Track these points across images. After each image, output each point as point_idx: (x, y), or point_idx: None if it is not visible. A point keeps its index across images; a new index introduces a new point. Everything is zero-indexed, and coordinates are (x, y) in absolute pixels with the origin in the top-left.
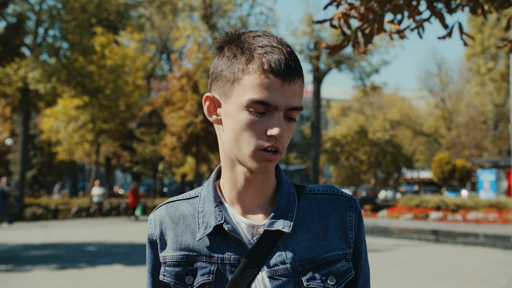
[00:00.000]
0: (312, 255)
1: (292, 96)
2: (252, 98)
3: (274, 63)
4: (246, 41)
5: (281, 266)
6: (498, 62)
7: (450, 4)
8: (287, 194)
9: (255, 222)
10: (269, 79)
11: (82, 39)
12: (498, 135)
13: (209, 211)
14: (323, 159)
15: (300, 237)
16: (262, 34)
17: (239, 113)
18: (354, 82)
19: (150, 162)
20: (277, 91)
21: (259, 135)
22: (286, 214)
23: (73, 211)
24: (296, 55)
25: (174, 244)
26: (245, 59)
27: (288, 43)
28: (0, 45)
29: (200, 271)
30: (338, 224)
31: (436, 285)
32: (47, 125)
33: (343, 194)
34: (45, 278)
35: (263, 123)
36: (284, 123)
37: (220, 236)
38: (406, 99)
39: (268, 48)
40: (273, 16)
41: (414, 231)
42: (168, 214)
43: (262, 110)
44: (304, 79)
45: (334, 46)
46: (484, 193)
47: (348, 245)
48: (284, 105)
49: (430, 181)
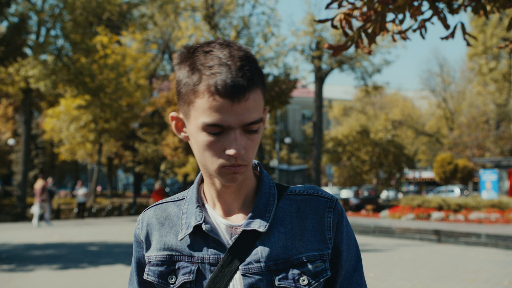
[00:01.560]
0: (287, 255)
1: (245, 112)
2: (204, 122)
3: (221, 85)
4: (198, 59)
5: (255, 265)
6: (500, 62)
7: (452, 4)
8: (267, 195)
9: (233, 222)
10: (218, 101)
11: (84, 39)
12: (500, 135)
13: (191, 212)
14: (325, 159)
15: (277, 237)
16: (215, 47)
17: (198, 134)
18: (356, 82)
19: (152, 162)
20: (228, 111)
21: (219, 154)
22: (263, 215)
23: (75, 211)
24: (250, 67)
25: (158, 244)
26: (195, 81)
27: (245, 52)
28: (2, 45)
29: (181, 271)
30: (316, 225)
31: (438, 285)
32: (49, 125)
33: (323, 195)
34: (48, 278)
35: (221, 143)
36: (245, 137)
37: (201, 237)
38: (408, 99)
39: (216, 67)
40: (275, 16)
41: (416, 231)
42: (155, 215)
43: (217, 131)
44: (261, 88)
45: (338, 47)
46: (486, 193)
47: (325, 246)
48: (237, 124)
49: (432, 181)
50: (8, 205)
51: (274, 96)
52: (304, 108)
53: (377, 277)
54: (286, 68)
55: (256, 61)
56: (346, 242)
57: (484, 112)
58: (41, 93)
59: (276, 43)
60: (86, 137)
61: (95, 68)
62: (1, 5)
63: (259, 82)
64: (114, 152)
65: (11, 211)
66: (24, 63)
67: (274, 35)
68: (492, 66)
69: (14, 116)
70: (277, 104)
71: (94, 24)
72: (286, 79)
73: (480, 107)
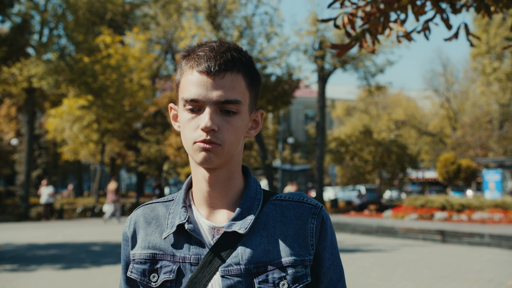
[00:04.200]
0: (268, 259)
1: (220, 89)
2: (183, 97)
3: (200, 61)
4: (192, 50)
5: (234, 267)
6: (504, 62)
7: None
8: (252, 199)
9: (216, 224)
10: (194, 76)
11: (87, 38)
12: (504, 135)
13: (176, 212)
14: (328, 159)
15: (259, 240)
16: (212, 42)
17: (181, 113)
18: (359, 82)
19: (155, 162)
20: (203, 86)
21: (194, 130)
22: (246, 217)
23: (78, 211)
24: (236, 54)
25: (143, 242)
26: (182, 66)
27: (236, 46)
28: (5, 45)
29: (163, 269)
30: (299, 230)
31: (441, 285)
32: (52, 125)
33: (308, 202)
34: (50, 278)
35: (196, 119)
36: (221, 117)
37: (184, 236)
38: (411, 99)
39: (206, 48)
40: (278, 16)
41: (419, 231)
42: (143, 215)
43: (195, 107)
44: (243, 75)
45: (342, 46)
46: (490, 193)
47: (307, 252)
48: (211, 99)
49: (435, 181)
50: (11, 205)
51: (277, 96)
52: (307, 108)
53: (380, 277)
54: (289, 68)
55: (248, 56)
56: (329, 250)
57: (488, 112)
58: (44, 93)
59: (279, 43)
60: (89, 137)
61: (97, 68)
62: (4, 5)
63: (242, 68)
64: (117, 152)
65: (14, 211)
66: (27, 63)
67: (277, 35)
68: (495, 65)
69: (17, 116)
70: (280, 104)
71: (96, 24)
72: (289, 79)
73: (483, 107)
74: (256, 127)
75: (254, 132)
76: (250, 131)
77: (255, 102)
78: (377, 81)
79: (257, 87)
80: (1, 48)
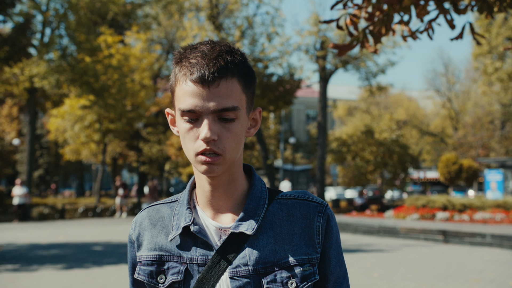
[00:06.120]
0: (276, 258)
1: (216, 98)
2: (179, 108)
3: (193, 71)
4: (185, 55)
5: (243, 268)
6: (505, 62)
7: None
8: (258, 198)
9: (223, 224)
10: (189, 86)
11: (88, 38)
12: (505, 135)
13: (181, 214)
14: (329, 159)
15: (266, 240)
16: (203, 44)
17: (179, 122)
18: (361, 82)
19: (157, 162)
20: (199, 96)
21: (194, 140)
22: (253, 217)
23: (79, 211)
24: (229, 58)
25: (149, 244)
26: (176, 73)
27: (229, 47)
28: (7, 45)
29: (171, 271)
30: (306, 229)
31: (443, 285)
32: (54, 125)
33: (313, 200)
34: (52, 278)
35: (195, 129)
36: (220, 125)
37: (191, 238)
38: (412, 99)
39: (195, 58)
40: (279, 16)
41: (420, 231)
42: (148, 216)
43: (193, 117)
44: (238, 79)
45: (343, 46)
46: (491, 193)
47: (314, 250)
48: (208, 109)
49: (436, 181)
50: (13, 205)
51: (278, 96)
52: (309, 108)
53: (382, 277)
54: (290, 68)
55: (242, 56)
56: (335, 248)
57: (489, 112)
58: (45, 93)
59: (281, 43)
60: (90, 137)
61: (99, 68)
62: (6, 5)
63: (236, 72)
64: (119, 152)
65: (16, 211)
66: (29, 62)
67: (278, 35)
68: (497, 65)
69: (19, 116)
70: (282, 104)
71: (98, 24)
72: (290, 79)
73: (485, 107)
74: (255, 125)
75: (254, 130)
76: (250, 130)
77: (252, 101)
78: (379, 81)
79: (252, 86)
80: (3, 48)
